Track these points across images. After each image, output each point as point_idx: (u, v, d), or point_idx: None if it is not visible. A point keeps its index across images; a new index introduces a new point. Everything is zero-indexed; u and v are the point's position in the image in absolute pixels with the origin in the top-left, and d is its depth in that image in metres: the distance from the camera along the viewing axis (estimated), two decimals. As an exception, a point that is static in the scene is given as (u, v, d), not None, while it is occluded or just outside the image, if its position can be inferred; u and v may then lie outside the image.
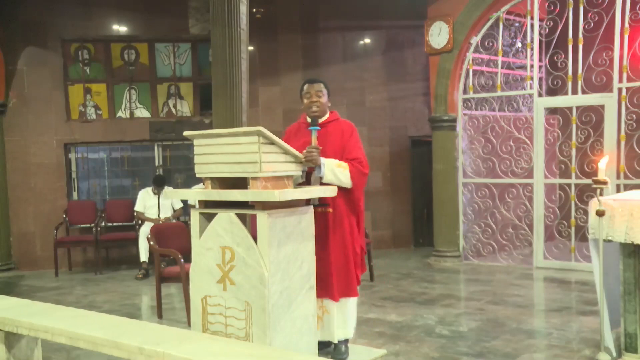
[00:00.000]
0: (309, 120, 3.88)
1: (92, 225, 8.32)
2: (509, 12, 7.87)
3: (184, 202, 8.29)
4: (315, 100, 3.81)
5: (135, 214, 8.28)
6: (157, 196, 8.13)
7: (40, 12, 8.48)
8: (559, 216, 7.75)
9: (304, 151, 3.54)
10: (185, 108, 9.14)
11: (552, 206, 7.74)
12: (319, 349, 3.62)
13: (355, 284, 3.91)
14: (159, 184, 8.04)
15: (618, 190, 6.82)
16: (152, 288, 6.71)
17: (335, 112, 4.00)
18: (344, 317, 3.90)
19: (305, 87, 3.87)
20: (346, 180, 3.69)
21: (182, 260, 5.41)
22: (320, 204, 3.72)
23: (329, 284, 3.77)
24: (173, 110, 9.10)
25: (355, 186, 3.75)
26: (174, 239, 5.99)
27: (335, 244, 3.79)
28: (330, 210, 3.74)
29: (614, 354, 3.89)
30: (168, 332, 2.63)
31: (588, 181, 6.75)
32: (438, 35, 8.02)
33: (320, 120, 3.85)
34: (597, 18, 7.12)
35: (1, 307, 3.04)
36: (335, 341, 3.92)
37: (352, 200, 3.84)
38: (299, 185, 3.76)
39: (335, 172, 3.64)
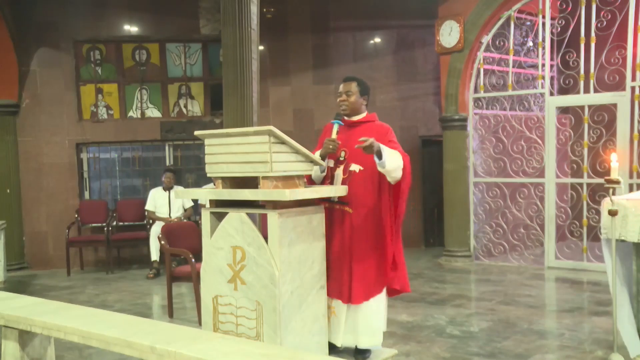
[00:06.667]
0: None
1: (104, 224, 8.38)
2: (520, 11, 7.82)
3: (195, 201, 8.33)
4: (344, 99, 3.78)
5: (146, 213, 8.33)
6: (167, 195, 8.17)
7: (52, 14, 8.54)
8: (570, 216, 7.70)
9: (326, 141, 3.59)
10: (196, 108, 9.17)
11: (563, 206, 7.69)
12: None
13: (371, 291, 3.65)
14: (170, 171, 8.25)
15: (631, 190, 6.77)
16: (163, 287, 6.75)
17: (374, 115, 3.91)
18: (355, 322, 3.67)
19: (340, 86, 3.83)
20: (401, 164, 3.48)
21: (193, 260, 5.42)
22: (340, 202, 3.62)
23: (339, 285, 3.63)
24: (184, 110, 9.13)
25: (404, 176, 3.53)
26: (184, 239, 6.02)
27: (352, 246, 3.61)
28: (350, 210, 3.60)
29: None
30: (179, 331, 2.63)
31: (600, 181, 6.71)
32: (449, 34, 7.99)
33: (355, 119, 3.82)
34: (609, 16, 7.07)
35: (15, 306, 3.07)
36: (339, 345, 3.69)
37: (392, 198, 3.63)
38: (322, 182, 3.76)
39: (394, 156, 3.44)
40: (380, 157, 3.39)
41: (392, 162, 3.43)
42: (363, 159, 3.59)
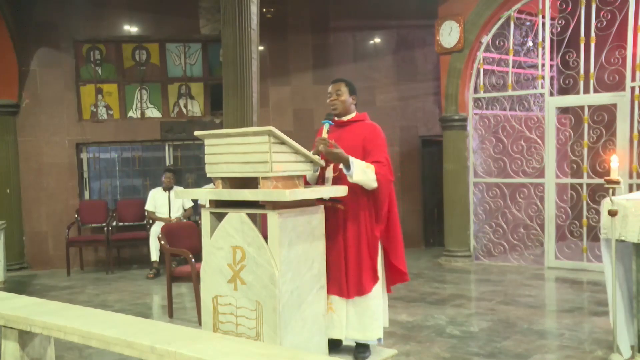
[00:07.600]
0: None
1: (104, 224, 8.38)
2: (520, 11, 7.83)
3: (195, 201, 8.32)
4: (335, 99, 3.83)
5: (146, 213, 8.33)
6: (167, 195, 8.17)
7: (52, 14, 8.54)
8: (570, 216, 7.70)
9: (317, 140, 3.59)
10: (196, 108, 9.18)
11: (563, 206, 7.69)
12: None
13: (368, 284, 3.68)
14: (169, 171, 8.24)
15: (631, 190, 6.77)
16: (163, 287, 6.75)
17: (365, 114, 3.93)
18: (354, 317, 3.71)
19: (329, 88, 3.89)
20: (373, 178, 3.57)
21: (193, 260, 5.42)
22: (332, 199, 3.64)
23: (336, 280, 3.65)
24: (184, 110, 9.13)
25: (380, 189, 3.62)
26: (184, 239, 6.02)
27: (345, 241, 3.66)
28: (342, 207, 3.66)
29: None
30: (179, 331, 2.63)
31: (600, 181, 6.71)
32: (449, 34, 7.99)
33: (345, 119, 3.85)
34: (609, 16, 7.07)
35: (15, 306, 3.07)
36: (342, 338, 3.74)
37: (374, 203, 3.69)
38: (316, 183, 3.77)
39: (366, 172, 3.54)
40: (348, 167, 3.50)
41: (360, 177, 3.52)
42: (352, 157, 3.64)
